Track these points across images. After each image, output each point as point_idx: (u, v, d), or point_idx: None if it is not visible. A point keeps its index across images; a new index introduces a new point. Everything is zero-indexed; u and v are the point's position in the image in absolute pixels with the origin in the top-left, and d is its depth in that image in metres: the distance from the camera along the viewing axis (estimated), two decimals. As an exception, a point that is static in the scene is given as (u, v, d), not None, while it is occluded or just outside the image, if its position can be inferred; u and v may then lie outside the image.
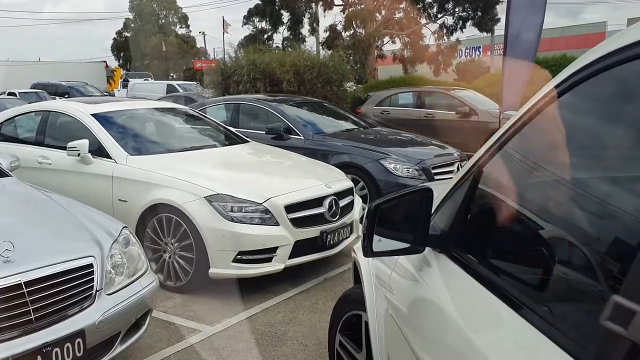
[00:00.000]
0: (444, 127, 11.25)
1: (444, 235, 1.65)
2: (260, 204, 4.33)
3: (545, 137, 1.44)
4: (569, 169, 1.33)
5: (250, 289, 4.41)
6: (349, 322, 2.62)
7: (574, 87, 1.25)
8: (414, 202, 1.62)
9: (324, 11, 22.36)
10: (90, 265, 2.81)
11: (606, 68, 1.15)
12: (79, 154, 4.95)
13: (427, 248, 1.67)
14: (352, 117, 8.87)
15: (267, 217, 4.32)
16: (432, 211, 1.67)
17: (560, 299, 1.23)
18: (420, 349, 1.60)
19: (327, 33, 22.70)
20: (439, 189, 1.80)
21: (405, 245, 1.63)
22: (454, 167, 6.83)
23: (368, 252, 1.64)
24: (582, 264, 1.16)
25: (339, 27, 22.17)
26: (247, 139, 6.27)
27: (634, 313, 0.52)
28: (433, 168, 6.62)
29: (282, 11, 22.69)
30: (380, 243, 1.63)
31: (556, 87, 1.30)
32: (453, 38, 23.01)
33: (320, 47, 21.88)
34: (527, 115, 1.40)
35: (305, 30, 22.95)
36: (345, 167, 6.19)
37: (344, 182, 5.21)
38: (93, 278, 2.80)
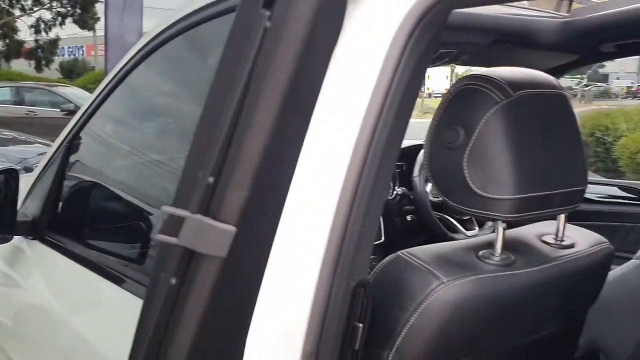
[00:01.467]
0: (50, 124, 10.64)
1: (36, 220, 1.56)
2: None
3: (106, 119, 1.53)
4: (130, 147, 1.46)
5: None
6: None
7: (128, 74, 1.36)
8: None
9: None
10: None
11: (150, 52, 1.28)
12: None
13: (17, 237, 1.55)
14: None
15: None
16: (25, 196, 1.57)
17: (150, 265, 1.31)
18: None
19: None
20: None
21: None
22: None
23: None
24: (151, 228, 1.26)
25: None
26: None
27: (183, 219, 0.54)
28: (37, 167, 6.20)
29: None
30: None
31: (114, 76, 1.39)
32: (52, 34, 21.68)
33: None
34: (93, 104, 1.46)
35: None
36: None
37: None
38: None
